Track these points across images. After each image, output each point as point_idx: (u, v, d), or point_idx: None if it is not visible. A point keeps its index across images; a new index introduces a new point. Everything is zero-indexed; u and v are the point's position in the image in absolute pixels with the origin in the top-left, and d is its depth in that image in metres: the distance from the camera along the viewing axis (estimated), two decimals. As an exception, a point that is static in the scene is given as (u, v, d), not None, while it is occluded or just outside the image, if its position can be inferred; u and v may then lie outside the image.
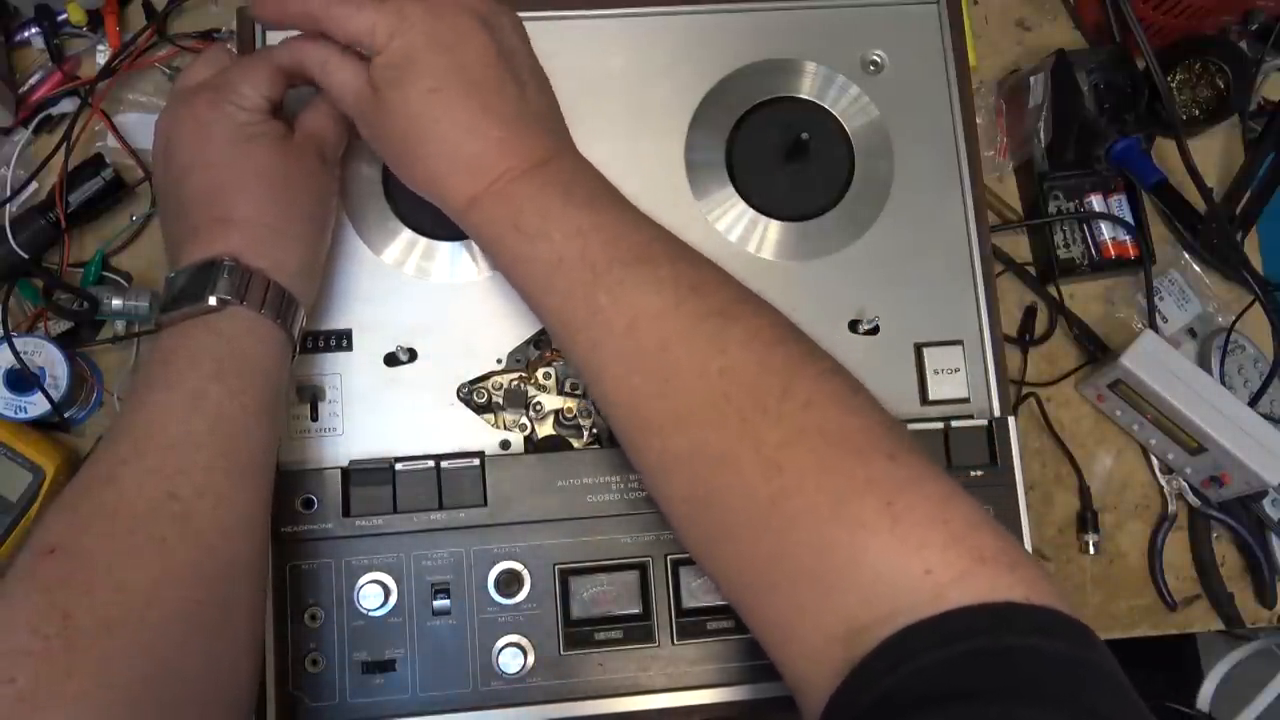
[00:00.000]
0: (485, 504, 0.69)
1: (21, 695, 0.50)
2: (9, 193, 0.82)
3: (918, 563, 0.50)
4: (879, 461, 0.54)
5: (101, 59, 0.86)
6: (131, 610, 0.54)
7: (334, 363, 0.72)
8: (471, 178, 0.62)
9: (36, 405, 0.80)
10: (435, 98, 0.62)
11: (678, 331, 0.58)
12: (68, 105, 0.85)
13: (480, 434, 0.72)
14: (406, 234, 0.74)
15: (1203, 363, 0.92)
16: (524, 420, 0.73)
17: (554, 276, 0.60)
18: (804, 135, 0.73)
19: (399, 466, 0.69)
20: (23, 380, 0.79)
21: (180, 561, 0.57)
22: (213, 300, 0.61)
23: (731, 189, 0.77)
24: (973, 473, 0.73)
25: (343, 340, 0.72)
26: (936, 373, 0.75)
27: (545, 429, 0.74)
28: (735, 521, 0.56)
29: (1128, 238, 0.92)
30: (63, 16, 0.85)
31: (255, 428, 0.62)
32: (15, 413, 0.80)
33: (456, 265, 0.74)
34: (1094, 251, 0.92)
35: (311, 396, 0.71)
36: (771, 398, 0.55)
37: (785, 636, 0.55)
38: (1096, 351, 0.91)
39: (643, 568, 0.70)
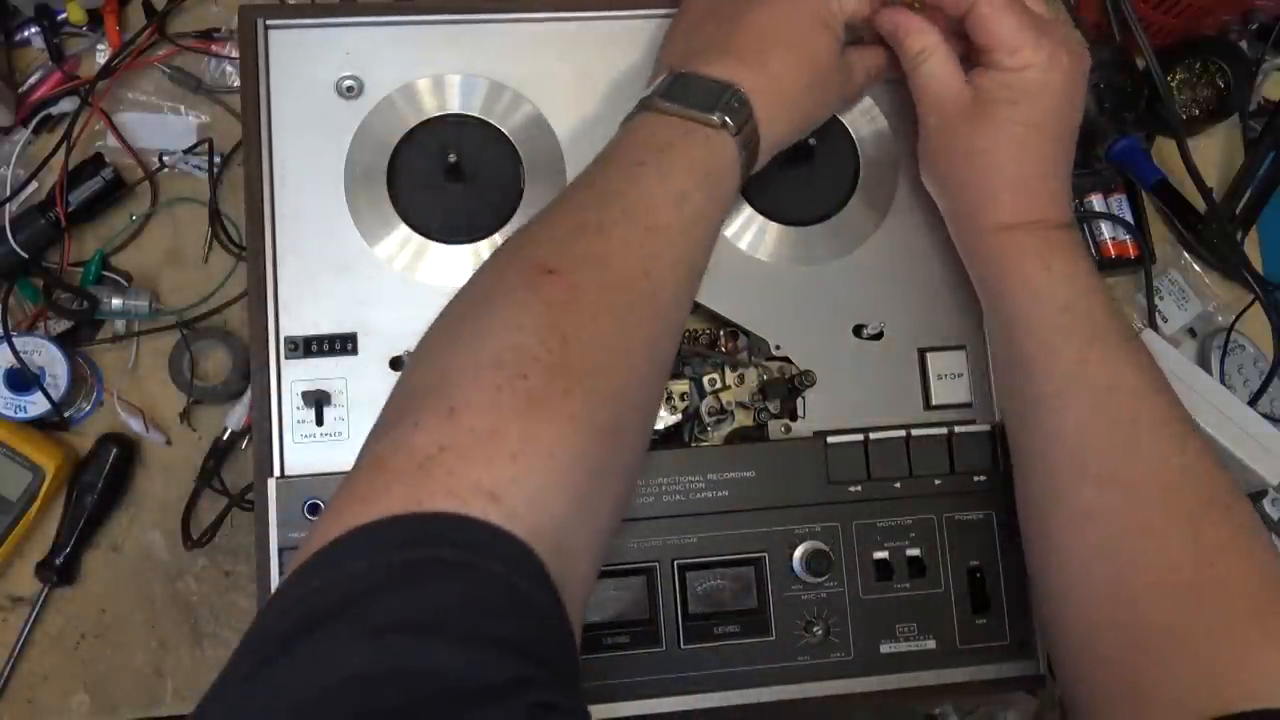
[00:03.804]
0: (492, 509, 0.69)
1: (532, 393, 0.51)
2: (9, 192, 0.82)
3: None
4: None
5: (101, 58, 0.86)
6: (609, 360, 0.56)
7: (340, 367, 0.72)
8: (1024, 208, 0.70)
9: (36, 405, 0.80)
10: (1036, 134, 0.69)
11: (1150, 414, 0.66)
12: (68, 105, 0.85)
13: (486, 439, 0.71)
14: (412, 237, 0.74)
15: (1203, 362, 0.92)
16: (530, 425, 0.73)
17: (1057, 315, 0.68)
18: (810, 140, 0.73)
19: (406, 472, 0.69)
20: (23, 380, 0.79)
21: (643, 335, 0.59)
22: (716, 118, 0.63)
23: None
24: (976, 478, 0.73)
25: (348, 344, 0.72)
26: (940, 378, 0.75)
27: (551, 433, 0.74)
28: (1140, 587, 0.63)
29: (1128, 237, 0.92)
30: (62, 16, 0.84)
31: (710, 240, 0.66)
32: (15, 412, 0.80)
33: (462, 269, 0.74)
34: (1094, 251, 0.92)
35: (317, 401, 0.71)
36: (1217, 505, 0.64)
37: (1140, 695, 0.62)
38: (1097, 351, 0.91)
39: (649, 572, 0.70)
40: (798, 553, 0.71)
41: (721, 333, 0.77)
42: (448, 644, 0.43)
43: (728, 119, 0.63)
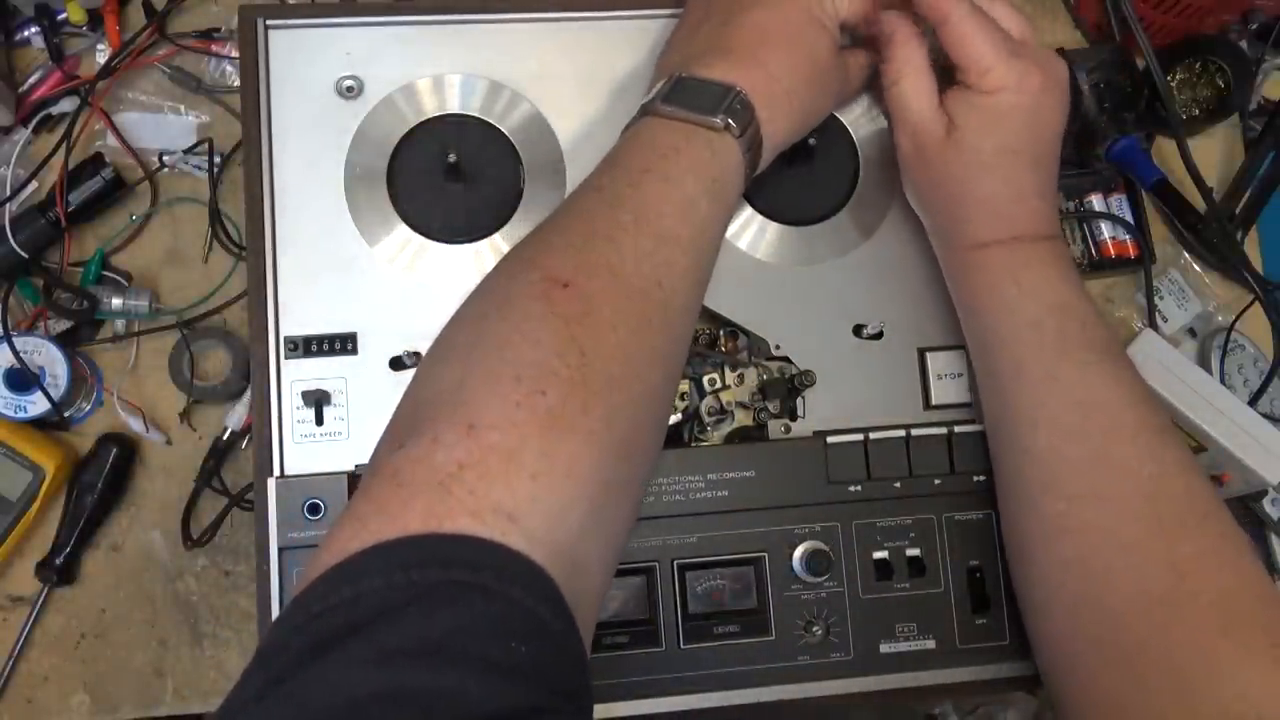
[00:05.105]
0: (491, 509, 0.69)
1: (551, 411, 0.51)
2: (9, 192, 0.82)
3: None
4: (1275, 611, 0.61)
5: (101, 58, 0.86)
6: (625, 373, 0.56)
7: (340, 367, 0.72)
8: (998, 227, 0.70)
9: (36, 404, 0.80)
10: (1008, 158, 0.69)
11: (1124, 428, 0.66)
12: (68, 104, 0.85)
13: (486, 438, 0.71)
14: (412, 237, 0.74)
15: (1203, 362, 0.92)
16: (529, 424, 0.73)
17: (1027, 331, 0.68)
18: (810, 140, 0.73)
19: (405, 472, 0.69)
20: (23, 380, 0.79)
21: (657, 346, 0.59)
22: (719, 120, 0.63)
23: (736, 191, 0.76)
24: (975, 478, 0.73)
25: (348, 344, 0.72)
26: (940, 378, 0.75)
27: (551, 433, 0.74)
28: (1114, 600, 0.63)
29: (1128, 237, 0.92)
30: (62, 15, 0.84)
31: (716, 246, 0.66)
32: (15, 412, 0.80)
33: (462, 269, 0.74)
34: (1094, 250, 0.92)
35: (317, 401, 0.71)
36: (1193, 517, 0.63)
37: (1118, 709, 0.63)
38: (1096, 351, 0.91)
39: (649, 572, 0.70)
40: (797, 553, 0.71)
41: (721, 333, 0.77)
42: (462, 669, 0.43)
43: (731, 121, 0.63)
